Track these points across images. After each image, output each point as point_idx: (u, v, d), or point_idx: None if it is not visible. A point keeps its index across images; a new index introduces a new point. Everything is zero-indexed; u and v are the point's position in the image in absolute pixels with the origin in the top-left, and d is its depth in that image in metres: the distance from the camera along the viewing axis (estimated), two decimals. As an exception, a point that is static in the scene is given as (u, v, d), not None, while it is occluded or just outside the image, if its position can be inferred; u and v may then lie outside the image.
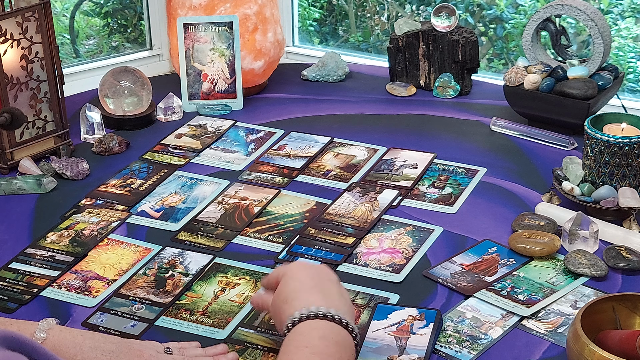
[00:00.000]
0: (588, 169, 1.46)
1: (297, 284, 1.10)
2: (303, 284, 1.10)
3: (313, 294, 1.08)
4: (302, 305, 1.06)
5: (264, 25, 1.93)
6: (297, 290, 1.09)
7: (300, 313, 1.05)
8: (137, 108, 1.82)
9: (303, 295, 1.08)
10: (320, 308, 1.05)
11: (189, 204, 1.53)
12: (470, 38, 1.90)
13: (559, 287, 1.29)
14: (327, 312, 1.05)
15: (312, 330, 1.03)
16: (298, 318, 1.05)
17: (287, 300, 1.08)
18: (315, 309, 1.05)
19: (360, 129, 1.79)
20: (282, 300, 1.09)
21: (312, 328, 1.04)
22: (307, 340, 1.02)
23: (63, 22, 2.69)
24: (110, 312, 1.25)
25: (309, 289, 1.09)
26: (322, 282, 1.11)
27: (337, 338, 1.03)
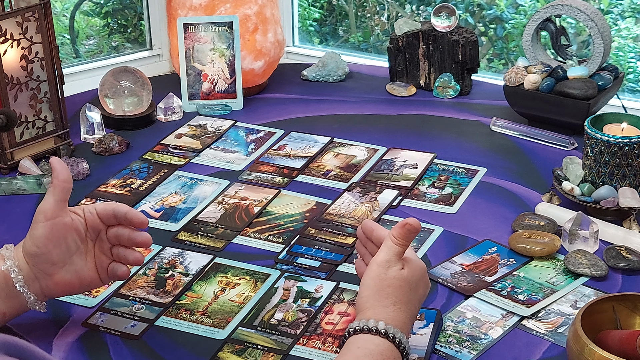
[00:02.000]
0: (588, 169, 1.46)
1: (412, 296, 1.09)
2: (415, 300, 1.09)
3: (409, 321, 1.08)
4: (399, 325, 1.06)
5: (264, 26, 1.93)
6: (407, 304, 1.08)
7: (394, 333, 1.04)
8: (137, 108, 1.82)
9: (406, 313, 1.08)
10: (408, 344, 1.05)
11: (189, 204, 1.53)
12: (470, 38, 1.90)
13: (559, 287, 1.29)
14: (406, 345, 1.05)
15: (387, 351, 1.03)
16: (388, 335, 1.04)
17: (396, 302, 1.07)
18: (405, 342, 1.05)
19: (360, 129, 1.79)
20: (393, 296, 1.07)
21: (388, 349, 1.03)
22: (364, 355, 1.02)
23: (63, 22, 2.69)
24: (111, 312, 1.25)
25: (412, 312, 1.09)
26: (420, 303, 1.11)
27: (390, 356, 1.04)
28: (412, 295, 1.09)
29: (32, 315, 1.25)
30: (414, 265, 1.11)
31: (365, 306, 1.08)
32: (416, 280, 1.10)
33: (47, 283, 1.15)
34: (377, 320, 1.05)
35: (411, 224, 1.08)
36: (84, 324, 1.23)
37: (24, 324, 1.23)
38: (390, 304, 1.07)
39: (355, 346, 1.04)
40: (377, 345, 1.03)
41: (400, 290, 1.08)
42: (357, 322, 1.06)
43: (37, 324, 1.23)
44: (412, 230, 1.09)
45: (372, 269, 1.09)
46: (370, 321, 1.05)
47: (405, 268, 1.10)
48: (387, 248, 1.10)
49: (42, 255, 1.13)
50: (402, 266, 1.09)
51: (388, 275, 1.08)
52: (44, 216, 1.13)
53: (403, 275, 1.09)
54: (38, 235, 1.13)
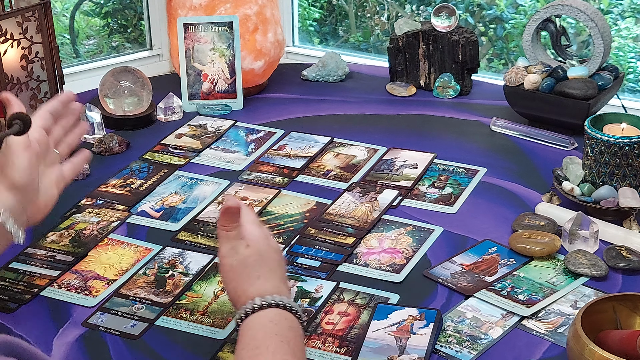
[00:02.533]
0: (588, 169, 1.46)
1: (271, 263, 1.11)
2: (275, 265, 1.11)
3: (282, 282, 1.10)
4: (271, 291, 1.07)
5: (264, 26, 1.93)
6: (270, 271, 1.10)
7: (273, 299, 1.06)
8: (137, 108, 1.82)
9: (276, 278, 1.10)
10: (291, 302, 1.07)
11: (189, 204, 1.53)
12: (470, 38, 1.90)
13: (559, 287, 1.29)
14: (292, 307, 1.06)
15: (283, 320, 1.05)
16: (268, 303, 1.05)
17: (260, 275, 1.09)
18: (287, 300, 1.06)
19: (361, 129, 1.79)
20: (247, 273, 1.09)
21: (283, 318, 1.05)
22: (278, 329, 1.03)
23: (63, 22, 2.69)
24: (111, 312, 1.25)
25: (280, 274, 1.11)
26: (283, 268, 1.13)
27: (300, 331, 1.05)
28: (269, 263, 1.11)
29: (32, 315, 1.25)
30: (251, 237, 1.12)
31: (237, 296, 1.09)
32: (263, 248, 1.11)
33: (31, 210, 1.19)
34: (252, 300, 1.06)
35: (230, 207, 1.10)
36: (84, 324, 1.23)
37: (24, 324, 1.23)
38: (255, 279, 1.09)
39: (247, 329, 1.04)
40: (262, 317, 1.04)
41: (256, 264, 1.10)
42: (237, 313, 1.07)
43: (37, 324, 1.23)
44: (229, 212, 1.11)
45: (223, 263, 1.11)
46: (247, 304, 1.06)
47: (249, 244, 1.11)
48: (223, 239, 1.12)
49: (30, 184, 1.17)
50: (246, 244, 1.11)
51: (238, 259, 1.10)
52: (24, 146, 1.15)
53: (250, 251, 1.10)
54: (24, 165, 1.16)
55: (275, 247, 1.14)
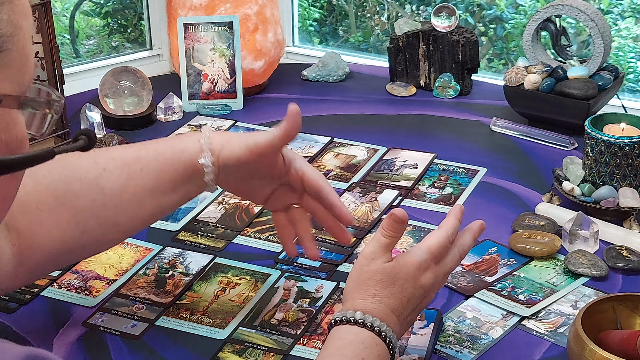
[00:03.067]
0: (588, 169, 1.46)
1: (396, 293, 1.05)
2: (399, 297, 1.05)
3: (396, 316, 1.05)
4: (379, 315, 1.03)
5: (264, 26, 1.93)
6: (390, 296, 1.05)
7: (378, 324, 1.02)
8: (137, 108, 1.82)
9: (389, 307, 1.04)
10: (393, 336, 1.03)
11: (189, 203, 1.52)
12: (470, 38, 1.90)
13: (560, 287, 1.29)
14: (388, 334, 1.02)
15: (374, 346, 1.01)
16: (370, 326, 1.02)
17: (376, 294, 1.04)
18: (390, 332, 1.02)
19: (361, 129, 1.79)
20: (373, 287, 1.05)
21: (375, 344, 1.01)
22: (367, 354, 1.00)
23: (63, 22, 2.69)
24: (111, 312, 1.25)
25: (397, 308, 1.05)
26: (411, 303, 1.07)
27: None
28: (395, 290, 1.05)
29: (32, 315, 1.25)
30: (403, 260, 1.06)
31: (346, 298, 1.06)
32: (402, 277, 1.05)
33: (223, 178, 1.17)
34: (354, 311, 1.03)
35: (396, 214, 1.06)
36: (84, 324, 1.23)
37: (24, 324, 1.22)
38: (369, 296, 1.04)
39: (336, 338, 1.02)
40: (357, 335, 1.01)
41: (380, 284, 1.05)
42: (337, 314, 1.04)
43: (37, 324, 1.23)
44: (397, 221, 1.05)
45: (358, 261, 1.07)
46: (348, 312, 1.03)
47: (393, 262, 1.06)
48: (374, 240, 1.07)
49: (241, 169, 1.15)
50: (389, 259, 1.06)
51: (370, 267, 1.05)
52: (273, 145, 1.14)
53: (386, 269, 1.05)
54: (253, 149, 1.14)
55: (422, 284, 1.07)
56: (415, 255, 1.07)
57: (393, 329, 1.04)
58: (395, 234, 1.06)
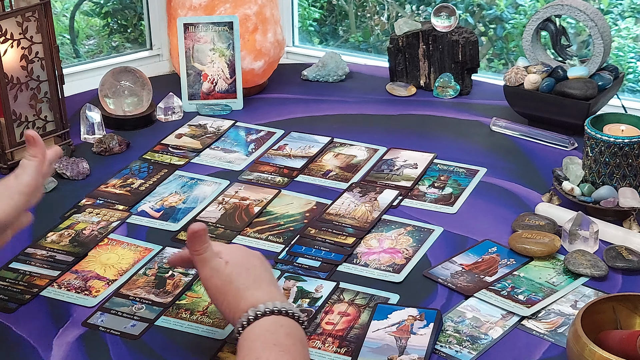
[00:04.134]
0: (588, 169, 1.46)
1: (254, 272, 1.10)
2: (259, 273, 1.10)
3: (272, 287, 1.09)
4: (265, 298, 1.06)
5: (264, 26, 1.93)
6: (256, 279, 1.09)
7: (266, 306, 1.04)
8: (137, 108, 1.82)
9: (263, 285, 1.09)
10: (285, 305, 1.05)
11: (189, 204, 1.53)
12: (470, 38, 1.90)
13: (559, 287, 1.29)
14: (288, 309, 1.05)
15: (279, 327, 1.03)
16: (262, 311, 1.04)
17: (248, 286, 1.08)
18: (280, 304, 1.05)
19: (360, 129, 1.79)
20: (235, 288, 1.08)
21: (279, 325, 1.03)
22: (275, 338, 1.02)
23: (63, 22, 2.69)
24: (111, 312, 1.25)
25: (267, 280, 1.10)
26: (269, 272, 1.12)
27: (299, 334, 1.04)
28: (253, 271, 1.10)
29: (32, 315, 1.25)
30: (227, 251, 1.12)
31: (232, 313, 1.08)
32: (242, 258, 1.11)
33: None
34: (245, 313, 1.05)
35: (191, 231, 1.10)
36: (84, 324, 1.23)
37: (24, 324, 1.23)
38: (244, 291, 1.08)
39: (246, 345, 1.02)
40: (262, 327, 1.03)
41: (241, 277, 1.09)
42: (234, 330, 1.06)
43: (37, 324, 1.23)
44: (196, 235, 1.11)
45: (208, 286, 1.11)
46: (242, 317, 1.05)
47: (227, 260, 1.11)
48: (199, 263, 1.12)
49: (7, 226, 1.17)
50: (225, 261, 1.11)
51: (222, 277, 1.09)
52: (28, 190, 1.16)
53: (231, 266, 1.10)
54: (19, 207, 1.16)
55: (254, 253, 1.14)
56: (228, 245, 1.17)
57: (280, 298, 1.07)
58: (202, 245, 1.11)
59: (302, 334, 1.05)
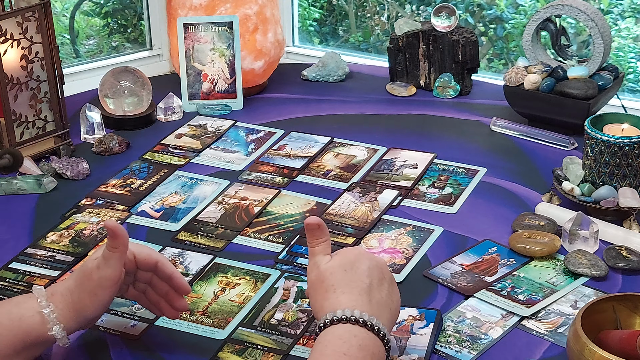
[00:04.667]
0: (588, 169, 1.46)
1: (352, 275, 1.07)
2: (357, 278, 1.06)
3: (362, 295, 1.05)
4: (347, 304, 1.03)
5: (264, 26, 1.93)
6: (350, 283, 1.06)
7: (344, 313, 1.02)
8: (137, 108, 1.82)
9: (354, 291, 1.05)
10: (364, 315, 1.03)
11: (189, 204, 1.53)
12: (470, 38, 1.90)
13: (559, 287, 1.29)
14: (368, 321, 1.02)
15: (352, 337, 1.01)
16: (339, 318, 1.02)
17: (336, 287, 1.05)
18: (359, 314, 1.02)
19: (360, 129, 1.79)
20: (329, 285, 1.06)
21: (353, 335, 1.01)
22: (347, 348, 1.00)
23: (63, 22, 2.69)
24: (110, 312, 1.25)
25: (362, 287, 1.06)
26: (376, 281, 1.08)
27: (374, 349, 1.01)
28: (351, 274, 1.07)
29: (32, 315, 1.25)
30: (343, 251, 1.10)
31: (316, 313, 1.07)
32: (350, 261, 1.08)
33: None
34: (323, 315, 1.04)
35: (307, 222, 1.10)
36: (84, 324, 1.23)
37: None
38: (331, 293, 1.05)
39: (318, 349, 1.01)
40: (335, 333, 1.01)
41: (334, 277, 1.07)
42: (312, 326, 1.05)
43: (37, 324, 1.23)
44: (310, 228, 1.10)
45: (307, 280, 1.10)
46: (320, 320, 1.03)
47: (332, 257, 1.09)
48: (309, 256, 1.11)
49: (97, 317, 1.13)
50: (329, 257, 1.10)
51: (317, 273, 1.08)
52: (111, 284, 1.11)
53: (332, 264, 1.08)
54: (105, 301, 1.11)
55: (370, 257, 1.10)
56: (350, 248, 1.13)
57: (367, 309, 1.04)
58: (320, 239, 1.10)
59: (378, 349, 1.02)
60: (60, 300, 1.10)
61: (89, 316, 1.11)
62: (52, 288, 1.12)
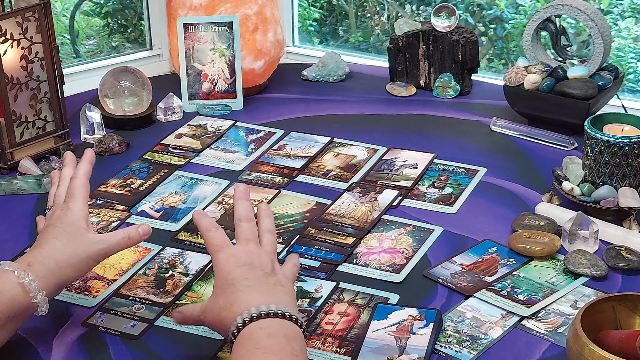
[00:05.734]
0: (588, 169, 1.46)
1: (231, 287, 1.08)
2: (237, 284, 1.08)
3: (250, 293, 1.07)
4: (241, 309, 1.05)
5: (264, 25, 1.93)
6: (233, 293, 1.07)
7: (243, 318, 1.04)
8: (137, 108, 1.82)
9: (240, 296, 1.06)
10: (261, 308, 1.04)
11: (189, 204, 1.53)
12: (470, 38, 1.90)
13: (559, 287, 1.29)
14: (268, 310, 1.04)
15: (259, 330, 1.02)
16: (242, 323, 1.03)
17: (225, 306, 1.07)
18: (255, 310, 1.04)
19: (360, 129, 1.80)
20: (220, 308, 1.07)
21: (259, 328, 1.03)
22: (257, 342, 1.01)
23: (63, 22, 2.69)
24: (110, 312, 1.25)
25: (244, 288, 1.07)
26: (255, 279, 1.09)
27: (285, 331, 1.03)
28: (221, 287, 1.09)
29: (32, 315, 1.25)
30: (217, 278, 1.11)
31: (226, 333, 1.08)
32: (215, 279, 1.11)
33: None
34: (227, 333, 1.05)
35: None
36: (84, 324, 1.23)
37: (24, 324, 1.22)
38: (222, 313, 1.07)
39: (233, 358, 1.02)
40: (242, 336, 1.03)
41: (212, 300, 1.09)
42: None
43: (37, 324, 1.23)
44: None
45: None
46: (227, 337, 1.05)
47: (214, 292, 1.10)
48: None
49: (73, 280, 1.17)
50: None
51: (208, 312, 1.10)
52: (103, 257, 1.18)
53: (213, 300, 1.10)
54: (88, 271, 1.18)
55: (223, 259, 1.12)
56: None
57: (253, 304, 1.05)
58: None
59: (289, 329, 1.03)
60: (41, 268, 1.12)
61: (70, 282, 1.15)
62: (26, 258, 1.13)
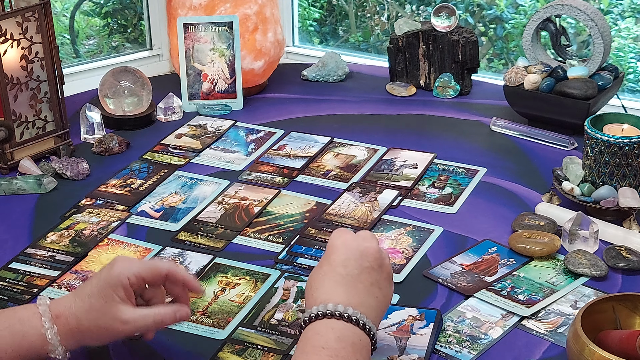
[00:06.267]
0: (588, 169, 1.46)
1: (327, 269, 1.07)
2: (331, 270, 1.06)
3: (337, 287, 1.05)
4: (322, 300, 1.04)
5: (264, 25, 1.93)
6: (324, 277, 1.06)
7: (318, 309, 1.02)
8: (137, 108, 1.82)
9: (327, 285, 1.05)
10: (338, 307, 1.02)
11: (189, 204, 1.53)
12: (470, 38, 1.90)
13: (559, 287, 1.29)
14: (344, 312, 1.02)
15: (329, 330, 1.01)
16: (315, 314, 1.02)
17: (312, 287, 1.06)
18: (332, 307, 1.02)
19: (360, 129, 1.80)
20: (309, 285, 1.07)
21: (330, 328, 1.01)
22: (324, 341, 1.00)
23: (63, 22, 2.69)
24: (111, 312, 1.25)
25: (336, 279, 1.05)
26: (356, 270, 1.07)
27: (354, 339, 1.01)
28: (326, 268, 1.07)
29: (32, 315, 1.25)
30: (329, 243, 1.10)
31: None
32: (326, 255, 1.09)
33: None
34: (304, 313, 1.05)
35: None
36: (84, 324, 1.23)
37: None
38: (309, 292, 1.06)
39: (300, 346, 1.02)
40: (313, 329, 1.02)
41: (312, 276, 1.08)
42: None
43: (37, 324, 1.23)
44: None
45: None
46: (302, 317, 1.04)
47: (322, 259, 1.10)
48: None
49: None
50: None
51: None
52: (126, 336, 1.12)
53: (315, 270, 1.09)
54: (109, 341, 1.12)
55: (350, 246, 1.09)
56: None
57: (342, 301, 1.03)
58: None
59: (359, 339, 1.02)
60: (65, 324, 1.08)
61: (91, 344, 1.11)
62: (57, 308, 1.09)
